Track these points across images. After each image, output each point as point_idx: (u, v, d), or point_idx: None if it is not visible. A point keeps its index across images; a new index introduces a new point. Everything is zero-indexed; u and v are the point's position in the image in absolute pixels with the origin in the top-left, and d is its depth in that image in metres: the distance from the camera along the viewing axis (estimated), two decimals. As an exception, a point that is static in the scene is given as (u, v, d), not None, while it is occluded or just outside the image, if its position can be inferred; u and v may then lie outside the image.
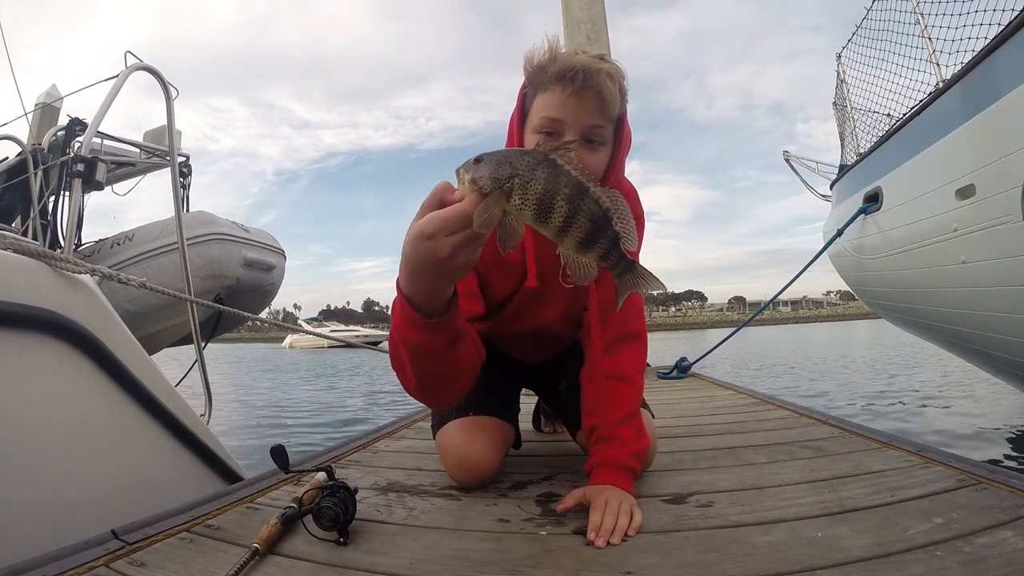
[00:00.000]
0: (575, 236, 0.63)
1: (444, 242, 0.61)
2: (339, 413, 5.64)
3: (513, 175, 0.60)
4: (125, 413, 1.36)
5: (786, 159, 5.45)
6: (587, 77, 0.83)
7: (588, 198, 0.62)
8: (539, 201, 0.61)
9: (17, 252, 1.15)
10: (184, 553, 0.72)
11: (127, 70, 2.26)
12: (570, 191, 0.61)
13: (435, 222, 0.61)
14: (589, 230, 0.63)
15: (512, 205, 0.61)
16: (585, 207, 0.62)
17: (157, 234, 3.36)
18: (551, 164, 0.61)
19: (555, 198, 0.61)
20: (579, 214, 0.62)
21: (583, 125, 0.86)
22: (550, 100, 0.86)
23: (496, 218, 0.61)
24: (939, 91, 2.56)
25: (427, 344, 0.74)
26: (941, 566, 0.60)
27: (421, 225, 0.62)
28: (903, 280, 3.14)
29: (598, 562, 0.67)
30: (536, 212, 0.61)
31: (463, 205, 0.60)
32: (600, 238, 0.64)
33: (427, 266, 0.64)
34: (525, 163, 0.61)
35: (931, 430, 3.54)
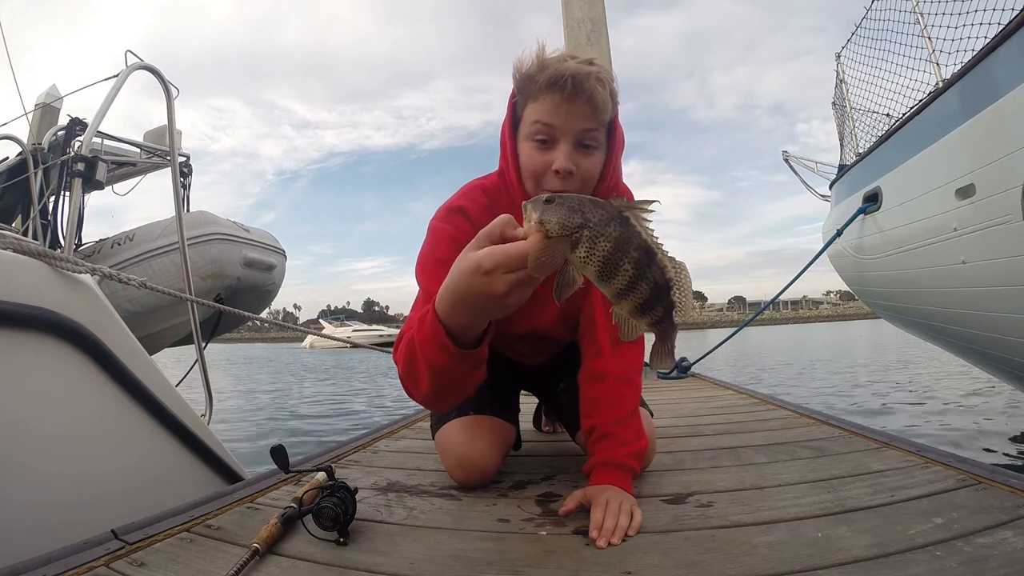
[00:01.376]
0: (634, 301, 0.61)
1: (502, 279, 0.60)
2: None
3: (583, 226, 0.58)
4: (125, 413, 1.36)
5: (785, 159, 5.45)
6: (577, 83, 0.82)
7: (655, 265, 0.61)
8: (605, 259, 0.59)
9: (17, 252, 1.15)
10: (184, 553, 0.72)
11: (127, 69, 2.26)
12: (639, 255, 0.59)
13: (496, 257, 0.59)
14: (649, 297, 0.61)
15: (576, 256, 0.59)
16: (650, 274, 0.60)
17: (157, 234, 3.37)
18: (624, 222, 0.59)
19: (622, 260, 0.59)
20: (642, 281, 0.60)
21: (576, 130, 0.86)
22: (541, 108, 0.86)
23: (555, 265, 0.59)
24: (939, 91, 2.55)
25: (453, 368, 0.74)
26: (941, 566, 0.60)
27: (480, 258, 0.60)
28: (903, 280, 3.14)
29: (598, 562, 0.67)
30: (600, 269, 0.59)
31: (526, 245, 0.58)
32: (657, 306, 0.62)
33: (477, 299, 0.63)
34: (598, 216, 0.58)
35: (931, 430, 3.54)
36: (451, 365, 0.73)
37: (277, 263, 4.08)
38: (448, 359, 0.72)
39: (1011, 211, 2.01)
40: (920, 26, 2.92)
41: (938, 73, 2.77)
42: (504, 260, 0.59)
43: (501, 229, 0.62)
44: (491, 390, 1.13)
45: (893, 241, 3.08)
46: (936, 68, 2.77)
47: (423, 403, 0.84)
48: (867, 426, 1.40)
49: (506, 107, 0.94)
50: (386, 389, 7.88)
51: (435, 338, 0.71)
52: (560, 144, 0.86)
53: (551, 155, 0.86)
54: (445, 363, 0.72)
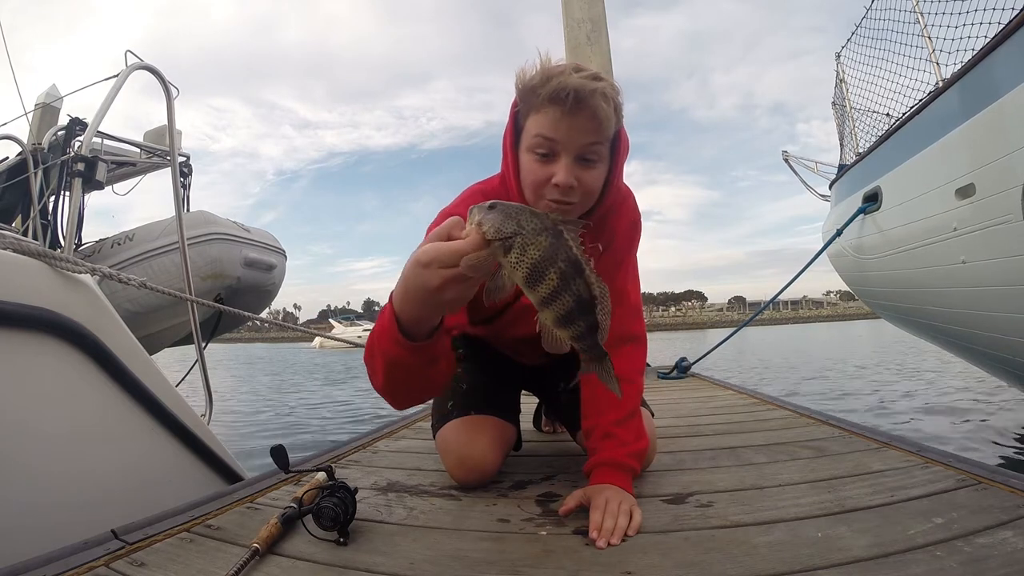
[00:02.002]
0: (556, 311, 0.64)
1: (436, 274, 0.63)
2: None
3: (517, 233, 0.61)
4: (125, 413, 1.36)
5: (785, 159, 5.45)
6: (581, 99, 0.81)
7: (580, 279, 0.63)
8: (533, 266, 0.62)
9: (17, 252, 1.15)
10: (184, 553, 0.72)
11: (127, 69, 2.26)
12: (565, 267, 0.62)
13: (431, 252, 0.63)
14: (571, 309, 0.64)
15: (508, 261, 0.62)
16: (574, 287, 0.63)
17: (157, 234, 3.37)
18: (556, 234, 0.62)
19: (549, 269, 0.62)
20: (566, 292, 0.63)
21: (578, 145, 0.84)
22: (544, 120, 0.84)
23: (487, 266, 0.62)
24: (939, 90, 2.55)
25: (404, 360, 0.74)
26: (941, 566, 0.60)
27: (420, 253, 0.64)
28: (902, 280, 3.14)
29: (598, 562, 0.67)
30: (527, 275, 0.62)
31: (462, 243, 0.62)
32: (580, 320, 0.65)
33: (417, 292, 0.66)
34: (532, 226, 0.61)
35: (931, 430, 3.54)
36: (403, 357, 0.74)
37: (277, 263, 4.08)
38: (399, 351, 0.73)
39: (1011, 211, 2.01)
40: (920, 26, 2.92)
41: (938, 73, 2.77)
42: (438, 255, 0.62)
43: (449, 230, 0.65)
44: (491, 390, 1.13)
45: (893, 241, 3.08)
46: (936, 68, 2.77)
47: (382, 395, 0.84)
48: (867, 426, 1.40)
49: (508, 114, 0.93)
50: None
51: (389, 329, 0.73)
52: (561, 158, 0.84)
53: (552, 168, 0.85)
54: (397, 355, 0.74)
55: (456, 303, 0.66)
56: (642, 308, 1.10)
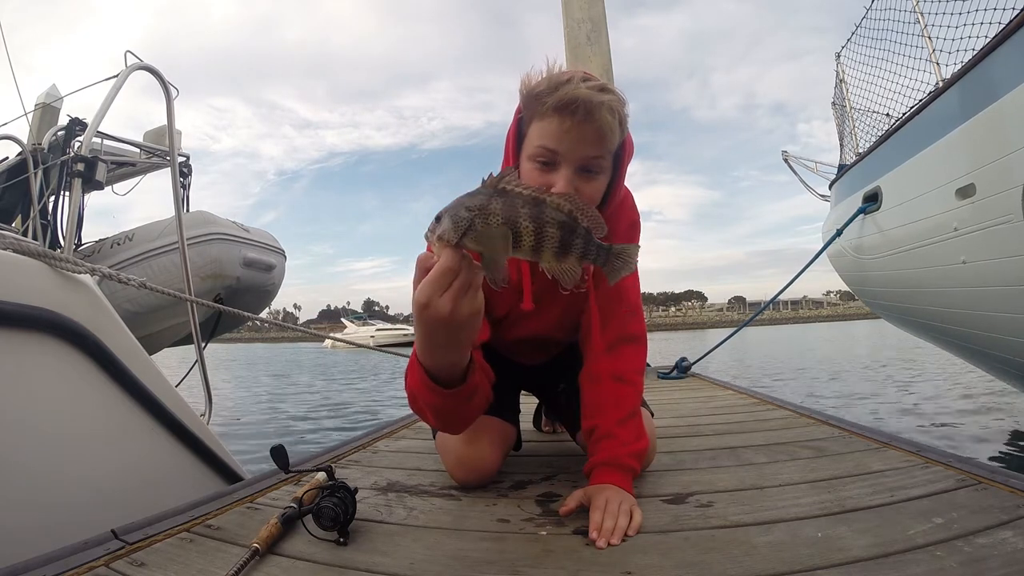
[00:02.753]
0: (550, 248, 0.65)
1: (440, 302, 0.64)
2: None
3: (472, 217, 0.63)
4: (125, 413, 1.36)
5: (785, 159, 5.44)
6: (587, 112, 0.80)
7: (548, 208, 0.65)
8: (502, 233, 0.63)
9: (17, 252, 1.15)
10: (184, 553, 0.72)
11: (127, 70, 2.26)
12: (529, 210, 0.64)
13: (425, 289, 0.64)
14: (561, 237, 0.65)
15: (474, 247, 0.64)
16: (548, 217, 0.65)
17: (157, 234, 3.37)
18: (502, 193, 0.64)
19: (518, 221, 0.63)
20: (546, 226, 0.64)
21: (580, 157, 0.83)
22: (547, 129, 0.83)
23: (472, 265, 0.64)
24: (939, 90, 2.55)
25: (448, 406, 0.80)
26: (941, 566, 0.60)
27: (416, 298, 0.65)
28: (903, 280, 3.14)
29: (598, 562, 0.67)
30: (504, 243, 0.64)
31: (441, 261, 0.63)
32: (574, 239, 0.66)
33: (436, 331, 0.68)
34: (478, 201, 0.63)
35: (931, 429, 3.54)
36: (445, 404, 0.79)
37: (277, 263, 4.08)
38: (440, 399, 0.78)
39: (1011, 211, 2.01)
40: (920, 26, 2.91)
41: (938, 73, 2.76)
42: (430, 287, 0.64)
43: (423, 265, 0.66)
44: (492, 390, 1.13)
45: (893, 241, 3.08)
46: (936, 68, 2.77)
47: (438, 428, 0.93)
48: (867, 426, 1.40)
49: (512, 117, 0.93)
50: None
51: (423, 383, 0.77)
52: (562, 169, 0.84)
53: (552, 178, 0.84)
54: (439, 402, 0.79)
55: (473, 317, 0.67)
56: (642, 308, 1.10)
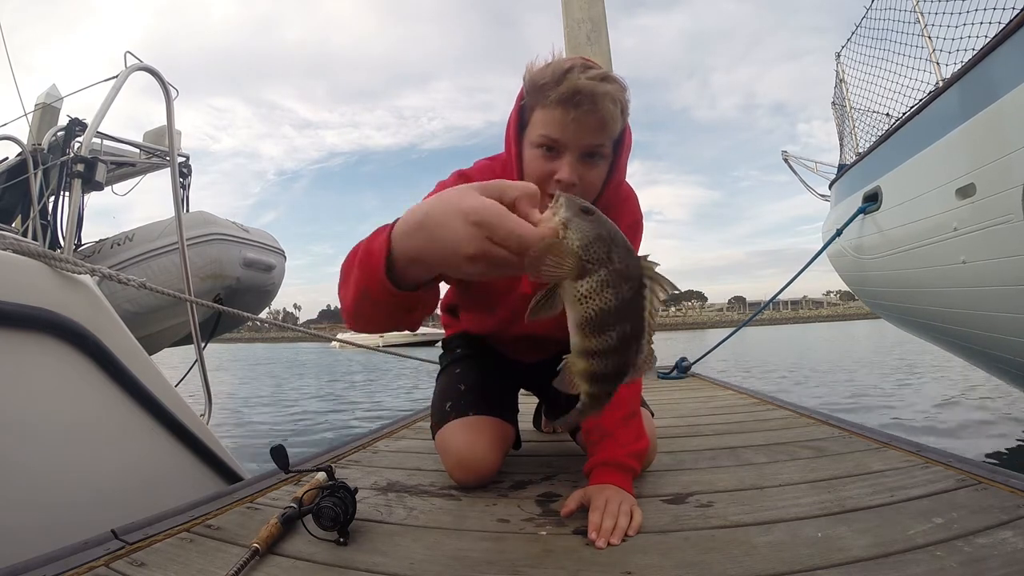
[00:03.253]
0: (593, 367, 0.55)
1: (477, 241, 0.50)
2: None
3: (604, 264, 0.51)
4: (125, 413, 1.36)
5: (784, 159, 5.44)
6: (590, 102, 0.81)
7: (635, 348, 0.55)
8: (599, 313, 0.52)
9: (17, 252, 1.15)
10: (184, 553, 0.72)
11: (127, 70, 2.26)
12: (630, 330, 0.53)
13: (487, 214, 0.49)
14: (607, 372, 0.56)
15: (574, 288, 0.52)
16: (623, 355, 0.55)
17: (157, 234, 3.36)
18: (638, 289, 0.53)
19: (614, 325, 0.52)
20: (614, 356, 0.54)
21: (583, 145, 0.85)
22: (550, 118, 0.84)
23: (549, 279, 0.52)
24: (939, 90, 2.55)
25: (380, 299, 0.65)
26: (941, 566, 0.60)
27: (475, 206, 0.50)
28: (902, 280, 3.14)
29: (598, 562, 0.67)
30: (586, 318, 0.53)
31: (531, 230, 0.49)
32: (609, 384, 0.57)
33: (440, 241, 0.53)
34: (622, 266, 0.52)
35: (931, 429, 3.54)
36: (380, 296, 0.64)
37: (276, 263, 4.08)
38: (378, 290, 0.63)
39: (1012, 211, 2.01)
40: (920, 26, 2.91)
41: (938, 72, 2.76)
42: (493, 223, 0.49)
43: (517, 195, 0.52)
44: (490, 390, 1.13)
45: (893, 241, 3.08)
46: (936, 68, 2.77)
47: (343, 310, 0.74)
48: (867, 426, 1.40)
49: (514, 104, 0.93)
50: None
51: (376, 264, 0.61)
52: (565, 156, 0.85)
53: (555, 164, 0.85)
54: (374, 292, 0.64)
55: (469, 276, 0.54)
56: None
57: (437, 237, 0.53)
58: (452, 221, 0.51)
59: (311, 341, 40.93)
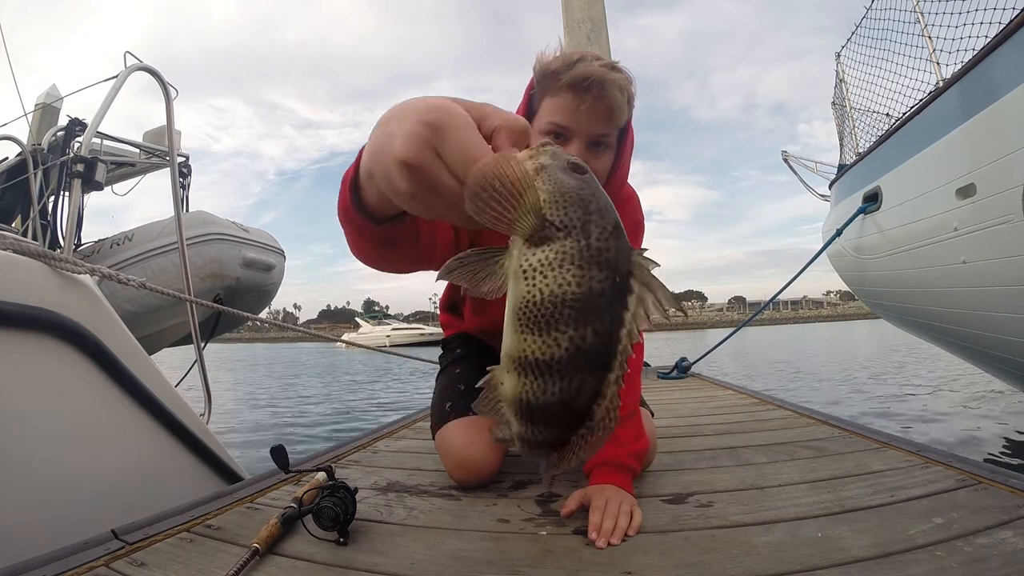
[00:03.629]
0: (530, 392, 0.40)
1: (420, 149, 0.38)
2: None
3: (570, 232, 0.38)
4: (125, 413, 1.36)
5: (784, 159, 5.45)
6: (598, 89, 0.82)
7: (594, 378, 0.40)
8: (548, 297, 0.37)
9: (17, 252, 1.15)
10: (184, 553, 0.72)
11: (126, 71, 2.26)
12: (590, 344, 0.38)
13: (448, 123, 0.38)
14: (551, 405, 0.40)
15: (524, 256, 0.38)
16: (579, 384, 0.40)
17: (157, 234, 3.36)
18: (617, 287, 0.39)
19: (569, 324, 0.38)
20: (561, 374, 0.39)
21: (590, 133, 0.86)
22: (559, 106, 0.85)
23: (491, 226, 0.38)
24: (939, 90, 2.55)
25: (355, 225, 0.56)
26: (941, 566, 0.60)
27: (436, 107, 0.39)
28: (903, 280, 3.14)
29: (598, 562, 0.67)
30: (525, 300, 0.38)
31: (488, 153, 0.38)
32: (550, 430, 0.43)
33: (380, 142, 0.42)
34: (597, 243, 0.38)
35: (931, 429, 3.54)
36: (350, 218, 0.55)
37: (276, 263, 4.08)
38: (345, 208, 0.55)
39: (1012, 211, 2.01)
40: (920, 26, 2.92)
41: (938, 73, 2.77)
42: (450, 138, 0.38)
43: (499, 123, 0.41)
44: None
45: (893, 241, 3.08)
46: (936, 68, 2.77)
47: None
48: (867, 426, 1.40)
49: (522, 95, 0.95)
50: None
51: (347, 174, 0.54)
52: (572, 143, 0.86)
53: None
54: (345, 210, 0.55)
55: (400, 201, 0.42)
56: None
57: (384, 134, 0.41)
58: (405, 116, 0.40)
59: (311, 341, 40.89)
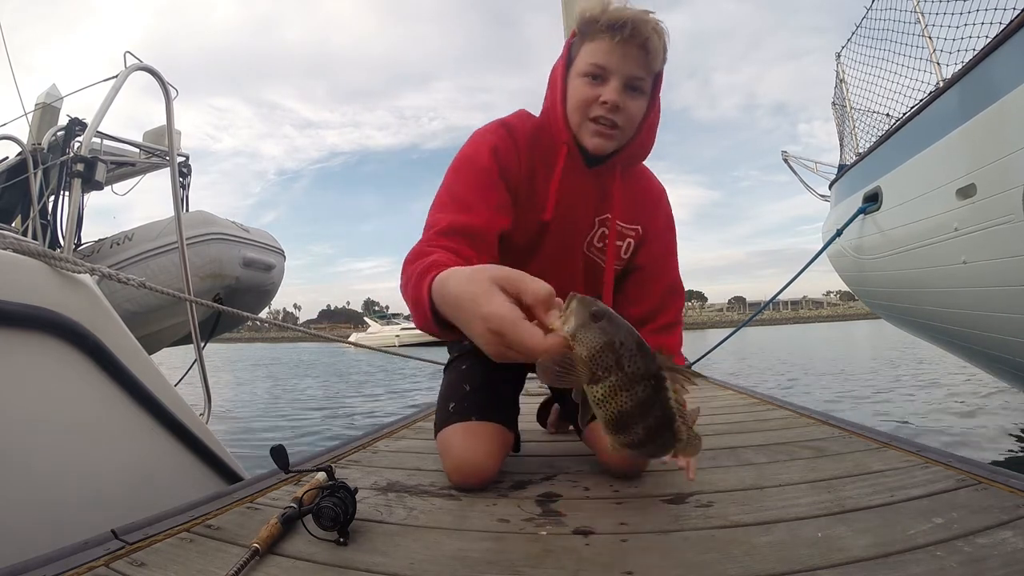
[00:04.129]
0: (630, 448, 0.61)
1: (496, 345, 0.55)
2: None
3: (612, 371, 0.55)
4: (124, 413, 1.36)
5: (784, 159, 5.44)
6: (635, 28, 0.89)
7: (666, 434, 0.60)
8: (618, 414, 0.57)
9: (17, 252, 1.15)
10: (184, 553, 0.72)
11: (126, 70, 2.26)
12: (655, 422, 0.58)
13: (505, 328, 0.53)
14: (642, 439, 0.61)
15: (591, 391, 0.56)
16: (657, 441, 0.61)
17: (156, 234, 3.37)
18: (656, 386, 0.57)
19: (636, 423, 0.58)
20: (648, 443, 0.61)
21: (627, 74, 0.92)
22: (598, 47, 0.92)
23: (561, 386, 0.57)
24: (939, 90, 2.55)
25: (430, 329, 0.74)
26: (941, 566, 0.60)
27: (491, 315, 0.54)
28: (903, 280, 3.14)
29: (598, 562, 0.67)
30: (605, 418, 0.58)
31: (540, 345, 0.53)
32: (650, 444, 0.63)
33: (466, 331, 0.60)
34: (632, 369, 0.55)
35: (931, 430, 3.54)
36: (430, 329, 0.74)
37: (276, 263, 4.08)
38: (434, 330, 0.73)
39: (1012, 211, 2.01)
40: (920, 26, 2.91)
41: (938, 73, 2.76)
42: (511, 337, 0.53)
43: (531, 301, 0.55)
44: (494, 392, 1.12)
45: (893, 241, 3.08)
46: (936, 68, 2.77)
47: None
48: (867, 426, 1.40)
49: (562, 50, 1.01)
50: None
51: (423, 309, 0.69)
52: (610, 83, 0.93)
53: (600, 89, 0.93)
54: (431, 330, 0.74)
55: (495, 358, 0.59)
56: (682, 286, 1.20)
57: (464, 326, 0.60)
58: (474, 322, 0.57)
59: (311, 341, 40.87)
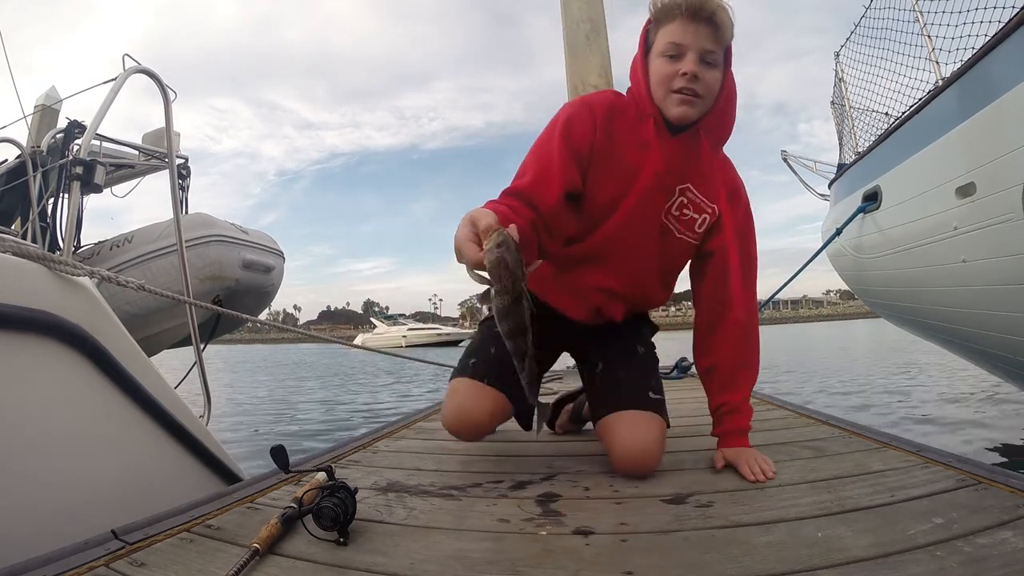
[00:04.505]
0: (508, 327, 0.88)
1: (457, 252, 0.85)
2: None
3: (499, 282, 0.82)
4: (124, 415, 1.36)
5: (784, 158, 5.44)
6: (705, 8, 1.00)
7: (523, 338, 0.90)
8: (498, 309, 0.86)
9: (16, 255, 1.15)
10: (184, 553, 0.72)
11: (124, 73, 2.26)
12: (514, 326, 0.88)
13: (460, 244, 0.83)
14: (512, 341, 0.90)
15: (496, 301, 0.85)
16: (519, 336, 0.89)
17: (156, 236, 3.36)
18: (515, 298, 0.84)
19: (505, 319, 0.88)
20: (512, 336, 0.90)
21: (701, 49, 1.02)
22: (673, 29, 1.03)
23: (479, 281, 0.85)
24: (938, 89, 2.55)
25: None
26: (941, 566, 0.60)
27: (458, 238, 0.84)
28: (902, 279, 3.14)
29: (598, 562, 0.67)
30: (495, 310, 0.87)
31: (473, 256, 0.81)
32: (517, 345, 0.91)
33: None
34: (502, 285, 0.82)
35: (931, 429, 3.54)
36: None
37: (275, 265, 4.07)
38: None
39: (1011, 210, 2.01)
40: (919, 24, 2.91)
41: (937, 72, 2.76)
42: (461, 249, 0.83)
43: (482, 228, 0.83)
44: (511, 368, 1.09)
45: (893, 240, 3.08)
46: (935, 67, 2.77)
47: None
48: (867, 426, 1.40)
49: (639, 39, 1.12)
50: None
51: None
52: (688, 55, 1.02)
53: (679, 64, 1.03)
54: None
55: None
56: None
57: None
58: (455, 239, 0.85)
59: (311, 342, 40.83)
